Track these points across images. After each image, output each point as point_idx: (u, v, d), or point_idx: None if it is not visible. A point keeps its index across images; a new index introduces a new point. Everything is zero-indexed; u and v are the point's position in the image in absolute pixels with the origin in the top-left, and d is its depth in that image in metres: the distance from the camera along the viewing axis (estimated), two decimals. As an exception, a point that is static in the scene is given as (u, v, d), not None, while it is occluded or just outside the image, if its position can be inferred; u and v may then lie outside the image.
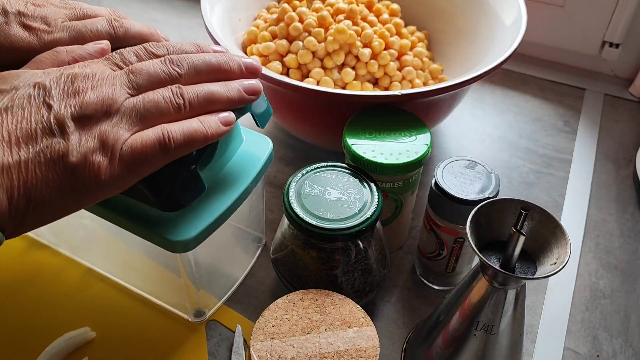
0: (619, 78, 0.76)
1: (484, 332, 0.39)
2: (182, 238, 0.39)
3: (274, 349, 0.39)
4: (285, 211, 0.44)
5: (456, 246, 0.47)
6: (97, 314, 0.50)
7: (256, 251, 0.55)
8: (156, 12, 0.88)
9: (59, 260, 0.54)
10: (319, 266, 0.45)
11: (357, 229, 0.42)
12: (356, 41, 0.58)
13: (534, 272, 0.36)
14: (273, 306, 0.42)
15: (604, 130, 0.70)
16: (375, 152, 0.47)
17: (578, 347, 0.49)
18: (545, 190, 0.62)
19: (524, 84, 0.76)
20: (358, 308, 0.42)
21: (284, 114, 0.59)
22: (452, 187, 0.44)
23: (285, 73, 0.60)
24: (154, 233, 0.39)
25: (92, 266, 0.53)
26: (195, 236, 0.39)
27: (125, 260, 0.51)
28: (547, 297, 0.53)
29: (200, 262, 0.45)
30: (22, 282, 0.52)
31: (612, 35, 0.72)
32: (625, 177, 0.64)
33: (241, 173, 0.44)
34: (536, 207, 0.37)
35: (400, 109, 0.51)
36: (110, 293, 0.51)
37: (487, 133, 0.69)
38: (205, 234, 0.40)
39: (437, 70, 0.63)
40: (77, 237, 0.53)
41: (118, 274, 0.52)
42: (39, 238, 0.55)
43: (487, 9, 0.63)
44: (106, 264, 0.52)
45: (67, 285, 0.52)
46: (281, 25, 0.60)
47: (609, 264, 0.55)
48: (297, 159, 0.64)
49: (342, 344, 0.40)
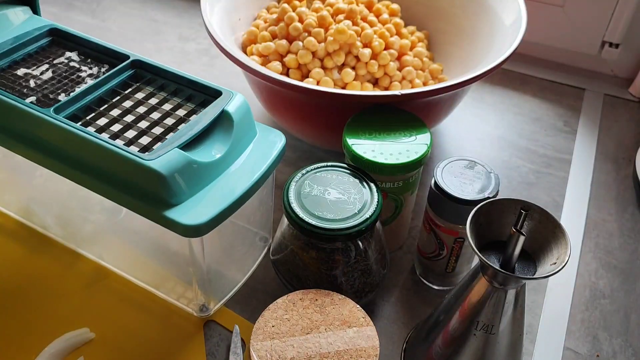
0: (619, 78, 0.76)
1: (483, 332, 0.39)
2: (195, 222, 0.39)
3: (274, 349, 0.39)
4: (285, 211, 0.44)
5: (456, 246, 0.47)
6: (98, 314, 0.50)
7: (262, 251, 0.55)
8: (156, 12, 0.88)
9: (65, 258, 0.54)
10: (319, 266, 0.45)
11: (357, 229, 0.42)
12: (356, 41, 0.58)
13: (534, 272, 0.36)
14: (273, 306, 0.42)
15: (603, 130, 0.70)
16: (375, 152, 0.47)
17: (578, 347, 0.49)
18: (545, 190, 0.62)
19: (523, 84, 0.76)
20: (358, 308, 0.42)
21: (284, 114, 0.59)
22: (452, 187, 0.44)
23: (285, 73, 0.60)
24: (167, 216, 0.40)
25: (98, 260, 0.53)
26: (208, 221, 0.40)
27: (132, 254, 0.51)
28: (547, 297, 0.53)
29: (207, 259, 0.45)
30: (24, 281, 0.52)
31: (611, 35, 0.72)
32: (625, 177, 0.64)
33: (254, 164, 0.44)
34: (536, 207, 0.37)
35: (400, 109, 0.51)
36: (112, 292, 0.51)
37: (487, 133, 0.69)
38: (217, 221, 0.41)
39: (437, 70, 0.63)
40: (85, 231, 0.53)
41: (124, 267, 0.52)
42: (47, 232, 0.55)
43: (487, 9, 0.63)
44: (113, 258, 0.53)
45: (70, 284, 0.52)
46: (281, 25, 0.60)
47: (608, 264, 0.55)
48: (297, 159, 0.64)
49: (342, 344, 0.40)
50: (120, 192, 0.41)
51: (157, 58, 0.78)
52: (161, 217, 0.40)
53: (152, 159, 0.39)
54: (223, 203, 0.41)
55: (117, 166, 0.41)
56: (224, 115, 0.44)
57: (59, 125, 0.42)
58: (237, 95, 0.45)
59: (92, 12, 0.88)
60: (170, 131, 0.44)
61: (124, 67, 0.47)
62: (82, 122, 0.43)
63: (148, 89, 0.47)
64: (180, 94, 0.47)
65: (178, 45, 0.82)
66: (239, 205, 0.42)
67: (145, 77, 0.48)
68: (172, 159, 0.40)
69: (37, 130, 0.43)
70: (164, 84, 0.48)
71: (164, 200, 0.40)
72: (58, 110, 0.43)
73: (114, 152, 0.40)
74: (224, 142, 0.43)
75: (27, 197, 0.55)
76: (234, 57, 0.53)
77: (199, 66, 0.78)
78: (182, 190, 0.41)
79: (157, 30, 0.84)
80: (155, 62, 0.48)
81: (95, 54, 0.50)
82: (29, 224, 0.56)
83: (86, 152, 0.42)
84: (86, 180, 0.43)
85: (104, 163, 0.41)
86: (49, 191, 0.47)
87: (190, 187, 0.41)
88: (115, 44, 0.50)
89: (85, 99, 0.45)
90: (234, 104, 0.45)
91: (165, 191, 0.40)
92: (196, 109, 0.46)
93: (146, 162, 0.39)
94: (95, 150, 0.41)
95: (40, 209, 0.55)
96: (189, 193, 0.41)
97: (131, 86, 0.47)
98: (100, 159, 0.42)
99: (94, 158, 0.42)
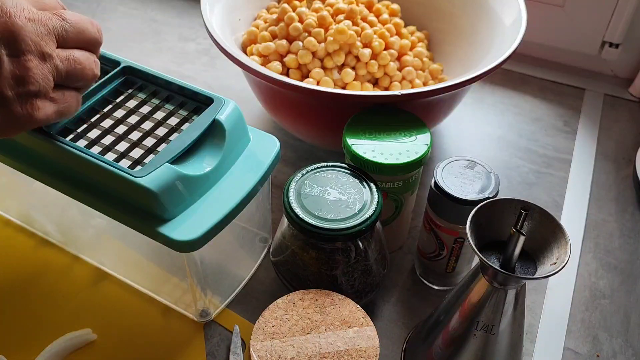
0: (619, 78, 0.76)
1: (483, 332, 0.39)
2: (189, 237, 0.39)
3: (274, 349, 0.39)
4: (285, 211, 0.44)
5: (456, 246, 0.47)
6: (99, 315, 0.50)
7: (262, 251, 0.55)
8: (156, 12, 0.88)
9: (65, 259, 0.54)
10: (319, 266, 0.45)
11: (357, 229, 0.42)
12: (356, 41, 0.58)
13: (534, 272, 0.36)
14: (273, 306, 0.42)
15: (603, 130, 0.70)
16: (375, 152, 0.47)
17: (578, 347, 0.49)
18: (545, 190, 0.62)
19: (523, 84, 0.76)
20: (358, 308, 0.42)
21: (284, 114, 0.59)
22: (452, 187, 0.44)
23: (285, 73, 0.60)
24: (161, 232, 0.40)
25: (99, 265, 0.53)
26: (202, 236, 0.39)
27: (132, 259, 0.51)
28: (547, 297, 0.53)
29: (206, 262, 0.45)
30: (26, 280, 0.52)
31: (611, 35, 0.72)
32: (625, 177, 0.64)
33: (248, 172, 0.44)
34: (536, 207, 0.37)
35: (400, 109, 0.51)
36: (113, 293, 0.51)
37: (487, 133, 0.69)
38: (211, 234, 0.40)
39: (437, 70, 0.63)
40: (85, 236, 0.53)
41: (124, 272, 0.52)
42: (47, 237, 0.55)
43: (487, 9, 0.63)
44: (113, 263, 0.53)
45: (71, 285, 0.52)
46: (281, 25, 0.60)
47: (608, 264, 0.55)
48: (297, 159, 0.64)
49: (342, 344, 0.40)
50: (113, 208, 0.41)
51: (157, 58, 0.79)
52: (154, 232, 0.40)
53: (143, 176, 0.39)
54: (217, 215, 0.40)
55: (108, 182, 0.41)
56: (216, 124, 0.43)
57: (49, 141, 0.41)
58: (229, 102, 0.45)
59: (92, 12, 0.88)
60: (162, 142, 0.43)
61: (115, 74, 0.47)
62: (73, 136, 0.43)
63: (140, 96, 0.46)
64: (172, 100, 0.46)
65: (178, 45, 0.81)
66: (234, 216, 0.42)
67: (136, 84, 0.47)
68: (163, 174, 0.39)
69: (28, 145, 0.43)
70: (156, 90, 0.47)
71: (156, 216, 0.40)
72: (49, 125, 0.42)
73: (105, 168, 0.40)
74: (216, 152, 0.43)
75: (27, 203, 0.55)
76: (234, 57, 0.53)
77: (199, 66, 0.78)
78: (174, 206, 0.40)
79: (157, 30, 0.84)
80: (146, 68, 0.47)
81: None
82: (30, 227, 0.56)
83: (77, 167, 0.42)
84: (79, 195, 0.42)
85: (96, 179, 0.41)
86: (49, 196, 0.47)
87: (182, 202, 0.41)
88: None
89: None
90: (226, 113, 0.44)
91: (157, 207, 0.39)
92: (188, 116, 0.45)
93: (137, 180, 0.39)
94: (86, 166, 0.41)
95: (40, 214, 0.54)
96: (182, 207, 0.41)
97: (122, 94, 0.46)
98: (91, 175, 0.41)
99: (86, 174, 0.41)
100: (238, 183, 0.43)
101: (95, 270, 0.53)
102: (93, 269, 0.53)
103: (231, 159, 0.44)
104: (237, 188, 0.42)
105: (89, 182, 0.42)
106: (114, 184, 0.40)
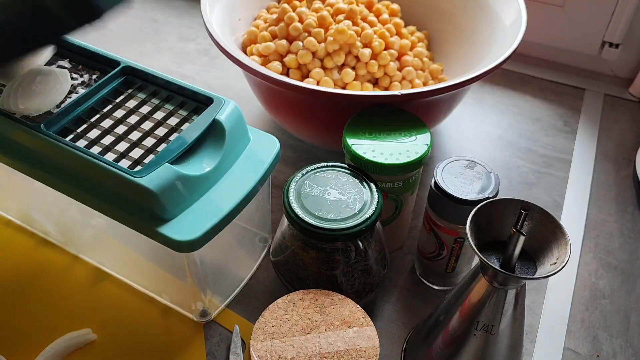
0: (619, 78, 0.76)
1: (483, 332, 0.39)
2: (188, 238, 0.39)
3: (274, 349, 0.39)
4: (285, 211, 0.44)
5: (456, 246, 0.47)
6: (99, 315, 0.50)
7: (262, 251, 0.55)
8: (156, 12, 0.88)
9: (65, 259, 0.54)
10: (319, 266, 0.45)
11: (357, 229, 0.42)
12: (356, 41, 0.58)
13: (534, 272, 0.36)
14: (273, 306, 0.42)
15: (603, 130, 0.70)
16: (375, 152, 0.47)
17: (578, 347, 0.49)
18: (545, 190, 0.62)
19: (523, 84, 0.76)
20: (358, 308, 0.42)
21: (284, 114, 0.59)
22: (452, 187, 0.44)
23: (285, 73, 0.60)
24: (160, 232, 0.40)
25: (98, 265, 0.53)
26: (201, 236, 0.39)
27: (132, 259, 0.51)
28: (547, 297, 0.53)
29: (206, 262, 0.45)
30: (26, 280, 0.52)
31: (611, 35, 0.72)
32: (625, 177, 0.64)
33: (248, 173, 0.44)
34: (536, 207, 0.37)
35: (400, 109, 0.51)
36: (113, 293, 0.51)
37: (487, 133, 0.69)
38: (211, 234, 0.40)
39: (437, 70, 0.63)
40: (85, 236, 0.53)
41: (124, 272, 0.52)
42: (47, 237, 0.55)
43: (487, 9, 0.63)
44: (113, 263, 0.53)
45: (71, 285, 0.52)
46: (281, 25, 0.60)
47: (608, 264, 0.55)
48: (297, 159, 0.64)
49: (342, 344, 0.40)
50: (113, 208, 0.41)
51: (157, 58, 0.79)
52: (154, 232, 0.40)
53: (143, 176, 0.39)
54: (216, 215, 0.40)
55: (108, 182, 0.41)
56: (216, 124, 0.43)
57: (49, 141, 0.41)
58: (229, 102, 0.45)
59: (92, 12, 0.88)
60: (162, 142, 0.43)
61: (115, 74, 0.47)
62: (73, 136, 0.43)
63: (139, 96, 0.46)
64: (172, 100, 0.46)
65: (178, 45, 0.81)
66: (234, 216, 0.42)
67: (136, 84, 0.47)
68: (163, 174, 0.39)
69: (28, 145, 0.43)
70: (156, 90, 0.47)
71: (156, 216, 0.40)
72: (49, 125, 0.43)
73: (104, 168, 0.40)
74: (215, 152, 0.43)
75: (27, 203, 0.55)
76: (234, 57, 0.53)
77: (199, 66, 0.78)
78: (174, 206, 0.40)
79: (157, 30, 0.84)
80: (146, 68, 0.47)
81: (86, 60, 0.49)
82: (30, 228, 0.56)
83: (77, 167, 0.42)
84: (79, 195, 0.42)
85: (95, 179, 0.41)
86: (49, 196, 0.47)
87: (182, 202, 0.41)
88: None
89: (76, 111, 0.44)
90: (226, 113, 0.44)
91: (157, 207, 0.40)
92: (188, 116, 0.45)
93: (136, 180, 0.39)
94: (86, 167, 0.41)
95: (40, 214, 0.54)
96: (182, 207, 0.41)
97: (122, 94, 0.46)
98: (91, 175, 0.41)
99: (86, 174, 0.41)
100: (238, 183, 0.43)
101: (95, 270, 0.53)
102: (93, 269, 0.53)
103: (231, 159, 0.44)
104: (237, 188, 0.42)
105: (89, 182, 0.42)
106: (114, 184, 0.40)
